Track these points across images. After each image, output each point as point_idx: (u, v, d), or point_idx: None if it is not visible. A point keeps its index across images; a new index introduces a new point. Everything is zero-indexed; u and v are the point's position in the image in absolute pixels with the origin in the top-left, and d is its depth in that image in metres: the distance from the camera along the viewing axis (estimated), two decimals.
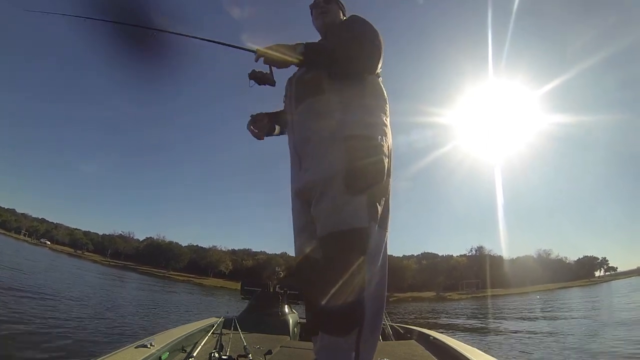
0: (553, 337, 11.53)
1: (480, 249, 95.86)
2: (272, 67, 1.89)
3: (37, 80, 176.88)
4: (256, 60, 1.83)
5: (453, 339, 2.84)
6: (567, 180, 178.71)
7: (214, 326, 3.11)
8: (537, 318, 19.03)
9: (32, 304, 9.79)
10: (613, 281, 75.14)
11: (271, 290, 4.54)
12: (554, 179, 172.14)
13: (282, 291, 4.48)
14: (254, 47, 1.84)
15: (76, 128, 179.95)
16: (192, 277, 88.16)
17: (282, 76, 2.01)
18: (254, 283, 4.76)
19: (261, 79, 1.94)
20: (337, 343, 1.57)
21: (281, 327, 3.92)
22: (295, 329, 4.26)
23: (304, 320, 4.76)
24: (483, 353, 2.37)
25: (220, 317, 3.47)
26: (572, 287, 68.92)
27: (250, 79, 1.94)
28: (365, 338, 1.58)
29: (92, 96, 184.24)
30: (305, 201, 1.81)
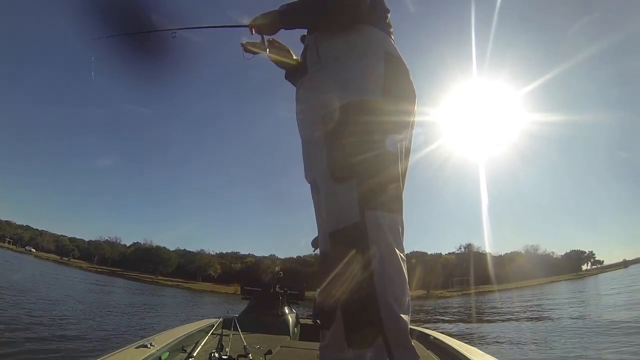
0: (542, 333, 11.61)
1: (469, 246, 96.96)
2: (264, 36, 1.93)
3: (27, 86, 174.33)
4: (252, 34, 1.89)
5: (453, 339, 2.83)
6: (553, 176, 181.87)
7: (214, 326, 3.07)
8: (526, 313, 19.19)
9: (18, 314, 9.57)
10: (600, 274, 76.41)
11: (271, 290, 4.46)
12: (540, 176, 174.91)
13: (282, 291, 4.43)
14: (246, 23, 1.91)
15: (61, 133, 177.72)
16: (181, 282, 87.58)
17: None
18: (253, 283, 4.70)
19: (253, 48, 1.98)
20: (365, 357, 1.41)
21: (281, 327, 3.90)
22: (295, 329, 4.23)
23: (304, 320, 4.73)
24: (483, 353, 2.34)
25: (220, 317, 3.42)
26: (560, 281, 69.94)
27: (245, 50, 1.99)
28: (396, 343, 1.38)
29: (84, 101, 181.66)
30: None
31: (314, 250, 5.81)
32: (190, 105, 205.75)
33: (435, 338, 2.93)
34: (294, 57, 2.08)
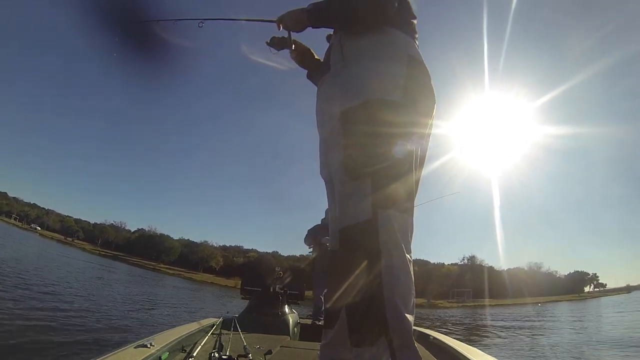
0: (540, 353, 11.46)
1: (472, 258, 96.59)
2: (290, 32, 1.93)
3: (41, 73, 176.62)
4: (279, 29, 1.89)
5: (453, 339, 2.82)
6: (563, 194, 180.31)
7: (213, 326, 3.07)
8: (527, 332, 18.99)
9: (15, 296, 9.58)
10: (602, 297, 75.64)
11: (271, 290, 4.44)
12: (550, 192, 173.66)
13: (282, 291, 4.41)
14: (274, 18, 1.91)
15: (75, 118, 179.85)
16: (182, 271, 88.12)
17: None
18: (254, 283, 4.67)
19: (278, 44, 1.99)
20: (367, 355, 1.39)
21: (281, 327, 3.88)
22: (295, 329, 4.23)
23: (304, 320, 4.71)
24: (483, 353, 2.34)
25: (219, 317, 3.42)
26: (561, 301, 69.25)
27: (269, 45, 2.00)
28: (399, 343, 1.38)
29: (94, 88, 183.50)
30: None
31: (309, 248, 5.61)
32: (199, 101, 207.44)
33: (435, 338, 2.93)
34: (316, 57, 2.12)
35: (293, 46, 2.02)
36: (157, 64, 2.41)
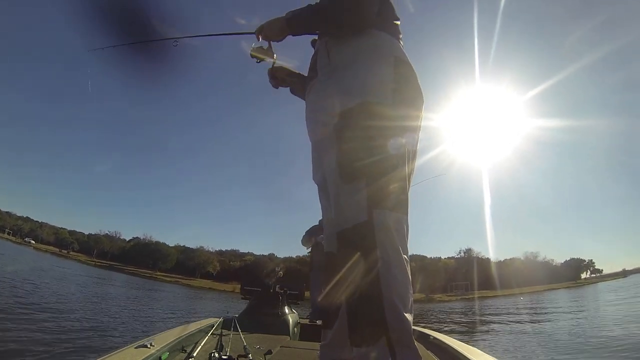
0: (541, 339, 11.53)
1: (468, 251, 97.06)
2: (271, 42, 1.98)
3: (31, 81, 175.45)
4: (258, 40, 1.95)
5: (453, 339, 2.80)
6: (555, 183, 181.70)
7: (213, 326, 3.04)
8: (525, 320, 19.10)
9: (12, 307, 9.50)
10: (599, 283, 76.20)
11: (271, 290, 4.45)
12: (542, 182, 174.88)
13: (282, 291, 4.41)
14: (252, 30, 1.96)
15: (64, 128, 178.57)
16: (180, 278, 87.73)
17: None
18: (253, 283, 4.67)
19: (261, 53, 2.03)
20: (367, 355, 1.40)
21: (281, 327, 3.87)
22: (295, 329, 4.21)
23: (304, 320, 4.71)
24: (483, 353, 2.32)
25: (220, 317, 3.40)
26: (559, 289, 69.75)
27: (252, 56, 2.03)
28: (399, 343, 1.38)
29: (84, 96, 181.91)
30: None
31: (307, 250, 5.63)
32: (192, 105, 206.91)
33: (435, 338, 2.92)
34: (295, 72, 2.16)
35: (275, 55, 2.05)
36: (146, 79, 2.42)
